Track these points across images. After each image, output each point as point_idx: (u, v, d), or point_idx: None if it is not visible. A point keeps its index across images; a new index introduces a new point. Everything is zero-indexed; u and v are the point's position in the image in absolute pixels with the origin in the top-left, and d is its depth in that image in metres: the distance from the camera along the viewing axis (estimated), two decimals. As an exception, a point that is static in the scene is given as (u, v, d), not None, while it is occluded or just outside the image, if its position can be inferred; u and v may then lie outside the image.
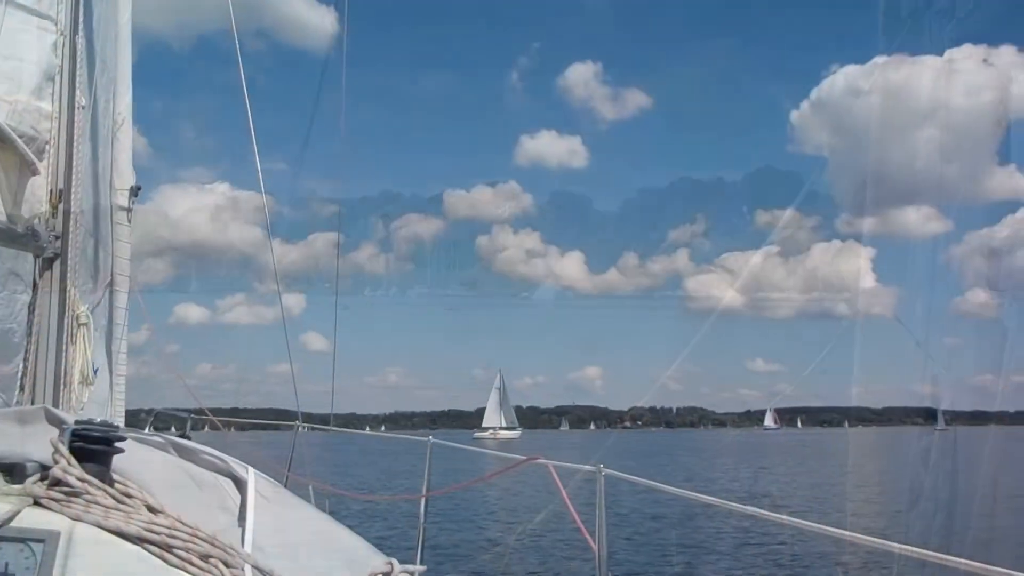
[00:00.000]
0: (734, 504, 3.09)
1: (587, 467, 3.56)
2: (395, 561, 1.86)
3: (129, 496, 1.73)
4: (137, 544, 1.59)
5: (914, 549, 2.25)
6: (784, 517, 2.65)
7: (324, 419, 6.38)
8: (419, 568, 1.94)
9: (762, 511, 2.89)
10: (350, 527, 2.03)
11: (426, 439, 6.03)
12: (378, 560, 1.87)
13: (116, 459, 1.78)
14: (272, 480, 2.07)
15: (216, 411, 6.36)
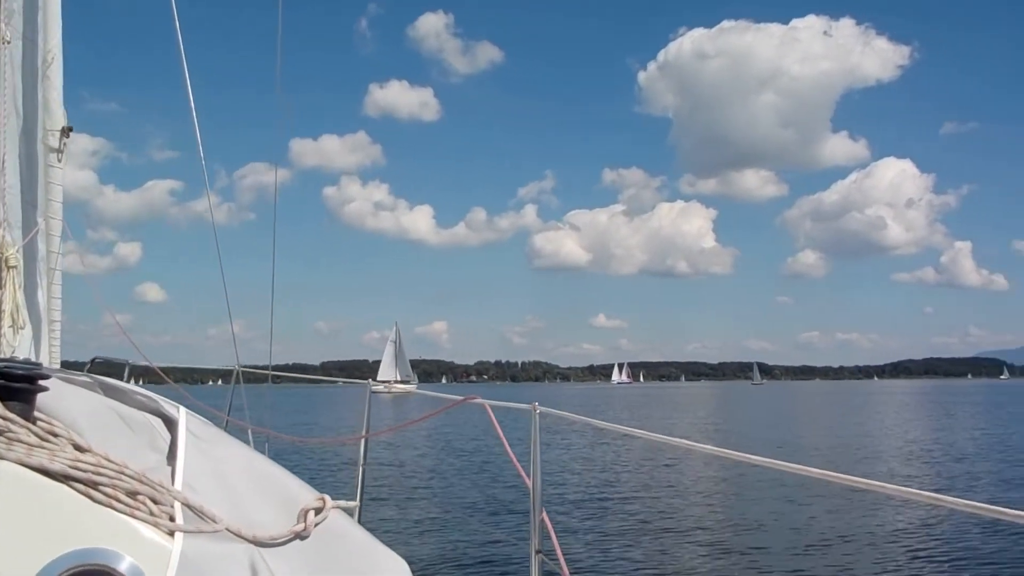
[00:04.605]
0: (661, 436, 3.12)
1: (523, 406, 3.57)
2: (327, 497, 1.81)
3: (54, 435, 1.63)
4: (61, 481, 1.50)
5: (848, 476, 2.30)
6: (708, 447, 2.67)
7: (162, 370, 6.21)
8: (351, 504, 1.89)
9: (687, 441, 2.93)
10: (289, 468, 1.97)
11: (365, 382, 6.02)
12: (310, 496, 1.82)
13: (41, 398, 1.68)
14: (203, 419, 1.98)
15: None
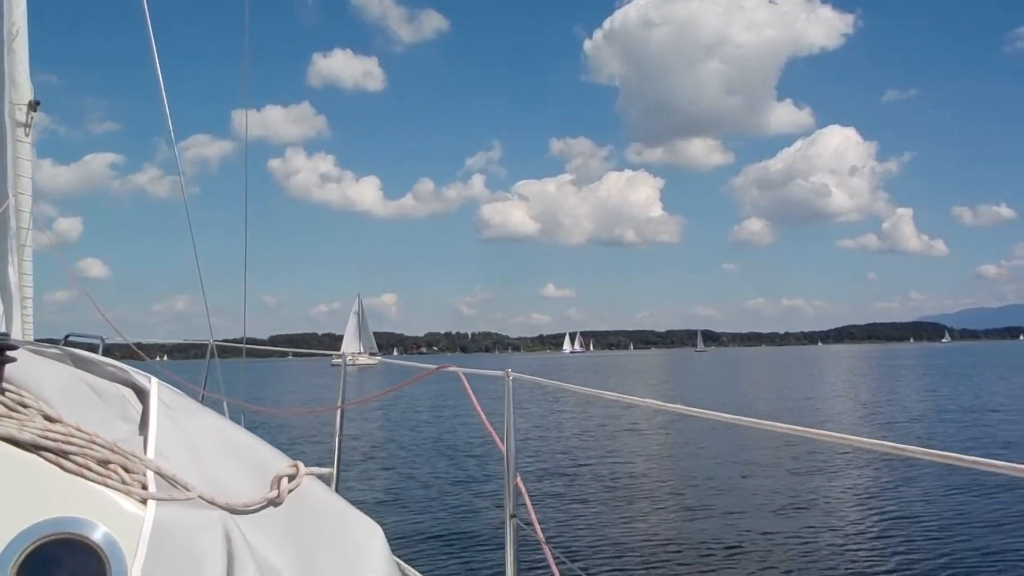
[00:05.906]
0: (630, 397, 3.13)
1: (497, 372, 3.56)
2: (300, 464, 1.79)
3: (24, 405, 1.60)
4: (31, 451, 1.47)
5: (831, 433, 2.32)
6: (679, 407, 2.68)
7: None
8: (326, 471, 1.87)
9: (656, 401, 2.94)
10: (265, 439, 1.94)
11: (340, 353, 6.00)
12: (284, 464, 1.80)
13: (9, 368, 1.64)
14: (175, 389, 1.95)
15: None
